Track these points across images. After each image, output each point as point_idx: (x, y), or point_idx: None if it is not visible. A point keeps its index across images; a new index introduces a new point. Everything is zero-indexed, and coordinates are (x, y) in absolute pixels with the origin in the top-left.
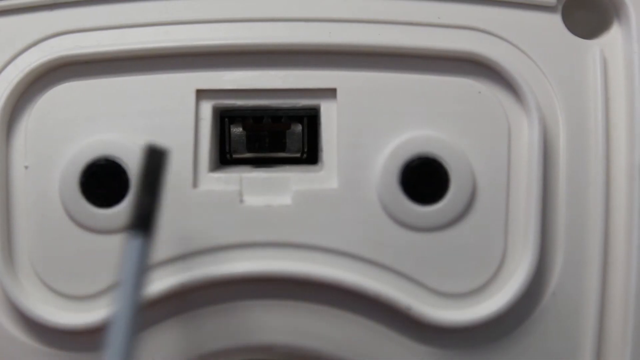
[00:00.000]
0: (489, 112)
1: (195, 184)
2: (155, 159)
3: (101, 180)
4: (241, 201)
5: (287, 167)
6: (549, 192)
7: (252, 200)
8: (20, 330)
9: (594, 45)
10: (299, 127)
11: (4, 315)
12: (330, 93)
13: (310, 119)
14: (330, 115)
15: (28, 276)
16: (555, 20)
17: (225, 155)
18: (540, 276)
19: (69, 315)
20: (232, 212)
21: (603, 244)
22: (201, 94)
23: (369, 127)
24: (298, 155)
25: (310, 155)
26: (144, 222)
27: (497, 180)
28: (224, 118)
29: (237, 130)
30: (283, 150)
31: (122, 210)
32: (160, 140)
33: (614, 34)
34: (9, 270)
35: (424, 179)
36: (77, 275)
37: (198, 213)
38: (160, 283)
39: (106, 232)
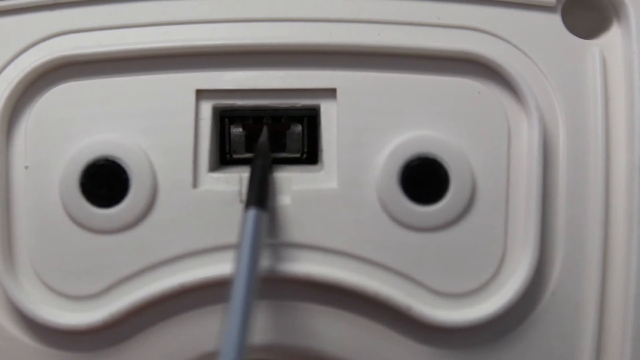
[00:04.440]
0: (488, 112)
1: (195, 184)
2: (262, 150)
3: (101, 181)
4: (241, 201)
5: (287, 167)
6: (549, 191)
7: None
8: (20, 331)
9: (594, 45)
10: (298, 127)
11: (4, 316)
12: (330, 93)
13: (310, 119)
14: (330, 116)
15: (28, 276)
16: (554, 20)
17: (225, 156)
18: (539, 276)
19: (69, 315)
20: (232, 212)
21: (603, 244)
22: (201, 94)
23: (369, 127)
24: (298, 155)
25: (310, 155)
26: (258, 198)
27: (496, 180)
28: (224, 118)
29: (237, 130)
30: (283, 150)
31: (122, 210)
32: (160, 140)
33: (613, 34)
34: (9, 271)
35: (423, 179)
36: (77, 275)
37: (198, 213)
38: (160, 283)
39: (106, 232)
